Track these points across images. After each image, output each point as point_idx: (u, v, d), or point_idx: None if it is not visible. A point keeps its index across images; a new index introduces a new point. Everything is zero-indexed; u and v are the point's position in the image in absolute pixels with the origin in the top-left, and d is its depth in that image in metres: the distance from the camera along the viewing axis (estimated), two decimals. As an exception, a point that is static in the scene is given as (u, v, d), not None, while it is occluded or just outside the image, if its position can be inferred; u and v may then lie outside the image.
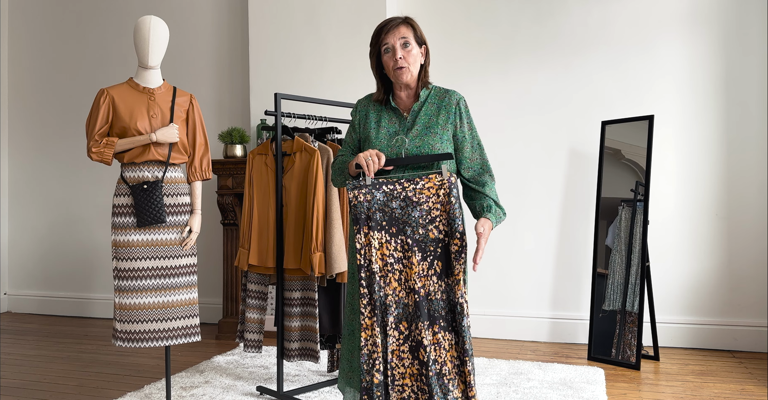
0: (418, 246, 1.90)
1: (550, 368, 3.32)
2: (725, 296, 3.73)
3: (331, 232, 2.80)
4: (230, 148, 4.14)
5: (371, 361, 1.90)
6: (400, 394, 1.90)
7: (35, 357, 3.68)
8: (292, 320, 2.93)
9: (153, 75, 2.66)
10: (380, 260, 1.92)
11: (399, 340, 1.91)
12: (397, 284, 1.92)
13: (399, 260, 1.92)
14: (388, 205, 1.92)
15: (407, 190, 1.90)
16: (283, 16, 4.23)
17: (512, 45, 4.04)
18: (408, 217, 1.90)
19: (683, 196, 3.80)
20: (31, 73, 5.04)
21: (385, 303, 1.92)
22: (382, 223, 1.92)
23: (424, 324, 1.87)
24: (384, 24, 2.00)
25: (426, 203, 1.89)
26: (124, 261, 2.57)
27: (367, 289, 1.92)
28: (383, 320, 1.92)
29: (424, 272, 1.89)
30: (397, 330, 1.92)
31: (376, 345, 1.90)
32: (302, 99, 2.92)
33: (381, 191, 1.92)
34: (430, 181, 1.89)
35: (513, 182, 4.01)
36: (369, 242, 1.92)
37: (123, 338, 2.57)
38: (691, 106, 3.79)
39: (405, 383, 1.90)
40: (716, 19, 3.74)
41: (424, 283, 1.89)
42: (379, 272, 1.92)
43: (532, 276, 3.99)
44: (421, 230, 1.90)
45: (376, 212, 1.92)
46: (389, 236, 1.92)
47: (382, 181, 1.92)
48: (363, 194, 1.92)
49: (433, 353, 1.87)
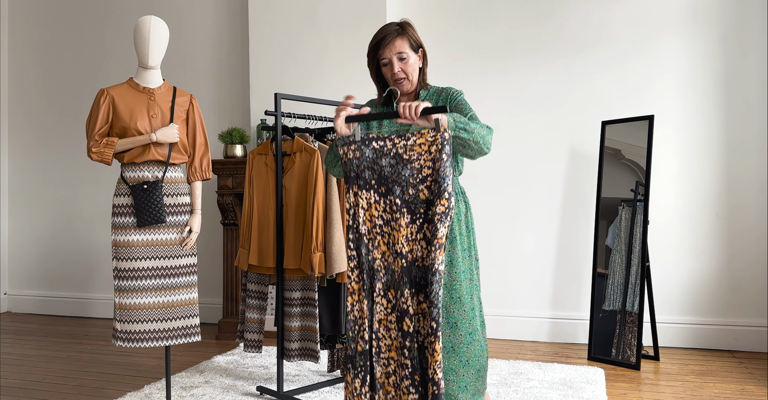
0: (407, 207, 1.77)
1: (550, 368, 3.32)
2: (725, 296, 3.73)
3: (331, 232, 2.80)
4: (230, 148, 4.14)
5: (356, 328, 1.80)
6: (385, 368, 1.79)
7: (35, 357, 3.68)
8: (292, 320, 2.93)
9: (153, 75, 2.66)
10: (369, 222, 1.81)
11: (387, 309, 1.79)
12: (386, 247, 1.80)
13: (388, 222, 1.80)
14: (377, 162, 1.80)
15: (398, 146, 1.77)
16: (283, 16, 4.23)
17: (512, 45, 4.04)
18: (398, 176, 1.77)
19: (683, 197, 3.80)
20: (31, 73, 5.04)
21: (373, 268, 1.80)
22: (371, 182, 1.81)
23: (410, 292, 1.75)
24: (380, 38, 2.00)
25: (417, 161, 1.75)
26: (124, 261, 2.57)
27: (356, 252, 1.82)
28: (371, 286, 1.81)
29: (412, 236, 1.76)
30: (385, 298, 1.80)
31: (362, 311, 1.79)
32: (302, 99, 2.92)
33: (370, 148, 1.80)
34: (422, 137, 1.74)
35: (513, 182, 4.01)
36: (357, 202, 1.82)
37: (123, 338, 2.57)
38: (691, 106, 3.79)
39: (391, 355, 1.78)
40: (716, 19, 3.74)
41: (412, 247, 1.76)
42: (368, 234, 1.81)
43: (532, 276, 3.99)
44: (411, 190, 1.76)
45: (365, 170, 1.81)
46: (378, 196, 1.80)
47: (372, 137, 1.80)
48: (352, 151, 1.81)
49: (417, 323, 1.74)
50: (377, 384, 1.79)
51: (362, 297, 1.80)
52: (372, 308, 1.80)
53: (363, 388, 1.79)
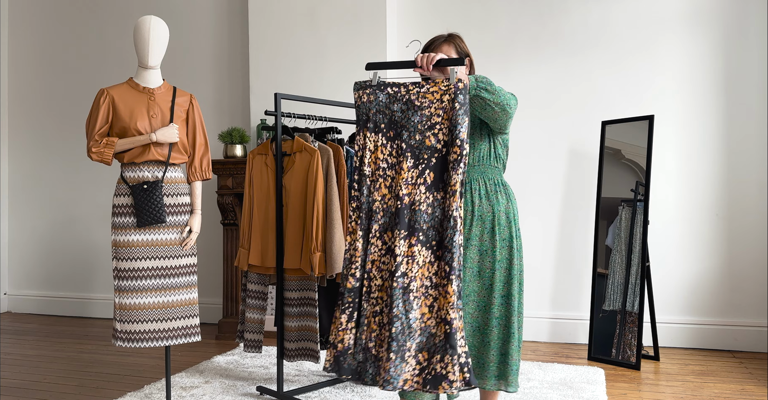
0: (411, 152, 1.82)
1: (550, 368, 3.32)
2: (725, 296, 3.73)
3: (331, 232, 2.80)
4: (230, 148, 4.14)
5: (349, 266, 1.85)
6: (373, 307, 1.84)
7: (35, 357, 3.68)
8: (292, 320, 2.93)
9: (153, 75, 2.66)
10: (373, 164, 1.86)
11: (381, 250, 1.84)
12: (387, 190, 1.85)
13: (392, 166, 1.85)
14: (389, 107, 1.86)
15: (411, 93, 1.83)
16: (283, 16, 4.23)
17: (512, 45, 4.04)
18: (407, 121, 1.83)
19: (683, 197, 3.79)
20: (31, 72, 5.04)
21: (372, 209, 1.85)
22: (380, 125, 1.87)
23: (401, 233, 1.79)
24: (429, 43, 2.15)
25: (428, 108, 1.81)
26: (124, 261, 2.57)
27: (358, 192, 1.87)
28: (368, 227, 1.85)
29: (412, 180, 1.81)
30: (380, 240, 1.84)
31: (357, 250, 1.84)
32: (302, 99, 2.92)
33: (384, 93, 1.86)
34: (435, 86, 1.80)
35: (513, 182, 4.00)
36: (365, 144, 1.87)
37: (123, 338, 2.57)
38: (691, 106, 3.79)
39: (381, 295, 1.83)
40: (716, 19, 3.74)
41: (411, 191, 1.81)
42: (371, 175, 1.86)
43: (532, 276, 3.98)
44: (417, 136, 1.82)
45: (377, 114, 1.87)
46: (386, 140, 1.86)
47: (389, 82, 1.86)
48: (367, 95, 1.88)
49: (404, 265, 1.78)
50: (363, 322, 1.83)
51: (359, 237, 1.85)
52: (366, 248, 1.84)
53: (349, 323, 1.85)
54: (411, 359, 1.78)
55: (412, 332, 1.78)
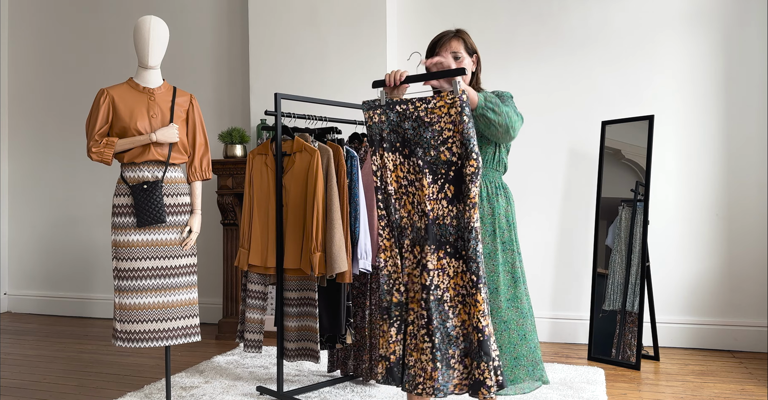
0: (429, 168, 1.86)
1: (550, 368, 3.32)
2: (725, 296, 3.73)
3: (331, 232, 2.80)
4: (230, 148, 4.14)
5: (391, 281, 1.92)
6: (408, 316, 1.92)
7: (35, 357, 3.68)
8: (292, 320, 2.93)
9: (153, 75, 2.66)
10: (395, 182, 1.91)
11: (413, 263, 1.91)
12: (411, 207, 1.90)
13: (412, 183, 1.90)
14: (401, 125, 1.89)
15: (419, 110, 1.86)
16: (283, 16, 4.23)
17: (512, 45, 4.04)
18: (420, 138, 1.87)
19: (683, 197, 3.79)
20: (31, 72, 5.04)
21: (401, 225, 1.91)
22: (396, 144, 1.91)
23: (431, 248, 1.85)
24: (437, 39, 2.15)
25: (438, 124, 1.83)
26: (124, 261, 2.57)
27: (385, 211, 1.93)
28: (400, 242, 1.91)
29: (433, 196, 1.86)
30: (411, 254, 1.91)
31: (396, 266, 1.91)
32: (302, 99, 2.92)
33: (394, 111, 1.89)
34: (441, 100, 1.82)
35: (513, 182, 4.00)
36: (384, 164, 1.91)
37: (123, 338, 2.57)
38: (691, 106, 3.79)
39: (413, 307, 1.90)
40: (716, 19, 3.74)
41: (434, 206, 1.86)
42: (395, 194, 1.91)
43: (533, 276, 3.98)
44: (432, 152, 1.85)
45: (390, 133, 1.91)
46: (402, 158, 1.90)
47: (396, 100, 1.90)
48: (378, 115, 1.91)
49: (436, 278, 1.85)
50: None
51: (394, 253, 1.92)
52: (402, 263, 1.92)
53: (398, 335, 1.93)
54: (458, 364, 1.86)
55: (452, 339, 1.85)
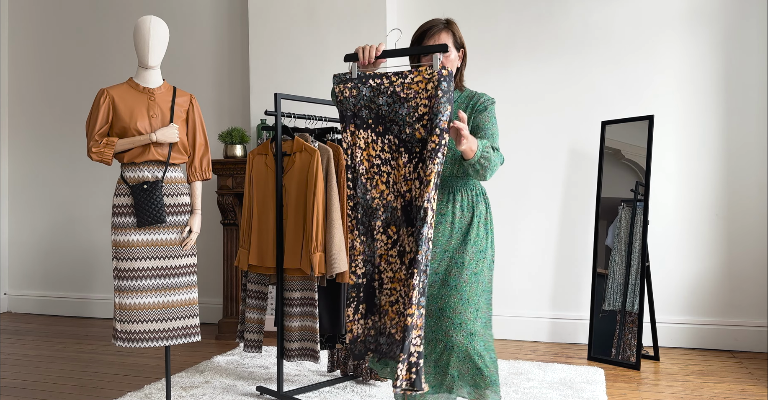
0: (404, 146, 1.76)
1: (550, 368, 3.32)
2: (725, 296, 3.73)
3: (331, 232, 2.80)
4: (230, 148, 4.14)
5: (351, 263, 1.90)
6: (389, 297, 1.84)
7: (35, 357, 3.68)
8: (292, 319, 2.93)
9: (153, 75, 2.66)
10: (366, 161, 1.82)
11: (387, 244, 1.83)
12: (384, 186, 1.81)
13: (387, 162, 1.80)
14: (374, 101, 1.78)
15: (395, 84, 1.74)
16: (283, 16, 4.23)
17: (512, 45, 4.04)
18: (395, 114, 1.76)
19: (683, 196, 3.79)
20: (31, 72, 5.04)
21: (372, 207, 1.82)
22: (368, 121, 1.80)
23: (408, 230, 1.78)
24: (426, 28, 2.01)
25: (414, 100, 1.73)
26: (124, 261, 2.57)
27: (354, 191, 1.85)
28: (370, 224, 1.84)
29: (409, 175, 1.77)
30: (385, 234, 1.83)
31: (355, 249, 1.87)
32: (302, 99, 2.92)
33: (367, 86, 1.78)
34: (419, 75, 1.71)
35: (513, 182, 4.01)
36: (355, 142, 1.81)
37: (123, 338, 2.57)
38: (691, 106, 3.79)
39: (394, 286, 1.83)
40: (716, 19, 3.74)
41: (410, 187, 1.77)
42: (365, 173, 1.82)
43: (532, 276, 3.99)
44: (408, 129, 1.75)
45: (362, 109, 1.80)
46: (375, 136, 1.80)
47: (369, 74, 1.78)
48: (348, 89, 1.80)
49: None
50: (381, 311, 1.88)
51: (358, 234, 1.86)
52: (372, 244, 1.86)
53: (355, 315, 1.91)
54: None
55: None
